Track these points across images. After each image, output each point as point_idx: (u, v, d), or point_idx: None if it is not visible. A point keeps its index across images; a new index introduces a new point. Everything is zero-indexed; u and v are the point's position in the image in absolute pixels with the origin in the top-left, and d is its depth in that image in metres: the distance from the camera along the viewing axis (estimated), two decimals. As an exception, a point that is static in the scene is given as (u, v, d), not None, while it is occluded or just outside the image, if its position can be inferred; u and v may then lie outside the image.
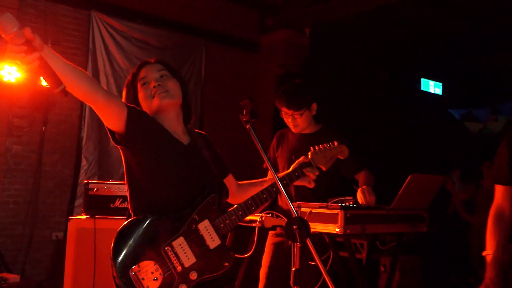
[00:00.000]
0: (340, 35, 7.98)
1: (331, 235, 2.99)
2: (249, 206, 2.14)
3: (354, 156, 3.43)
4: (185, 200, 2.04)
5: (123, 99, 2.21)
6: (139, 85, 2.17)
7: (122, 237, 1.92)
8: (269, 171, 3.55)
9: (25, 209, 5.93)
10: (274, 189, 2.21)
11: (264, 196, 2.19)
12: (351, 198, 3.14)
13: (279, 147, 3.59)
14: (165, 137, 2.11)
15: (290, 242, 2.77)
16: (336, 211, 2.89)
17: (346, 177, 3.47)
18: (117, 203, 4.10)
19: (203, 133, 2.40)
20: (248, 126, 2.22)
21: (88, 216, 4.00)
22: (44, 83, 4.83)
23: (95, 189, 4.15)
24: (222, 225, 2.06)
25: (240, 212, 2.11)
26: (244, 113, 2.22)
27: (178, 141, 2.15)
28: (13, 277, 5.14)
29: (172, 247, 1.95)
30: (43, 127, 5.95)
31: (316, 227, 2.93)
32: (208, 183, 2.14)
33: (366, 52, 8.54)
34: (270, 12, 7.86)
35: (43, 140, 6.03)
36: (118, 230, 1.95)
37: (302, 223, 2.12)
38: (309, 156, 2.41)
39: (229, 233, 3.27)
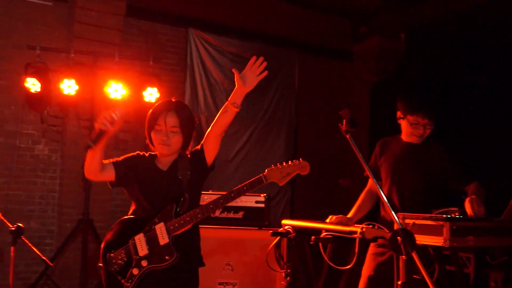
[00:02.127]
0: (436, 38, 7.67)
1: (436, 248, 2.86)
2: (196, 214, 2.59)
3: (459, 168, 3.28)
4: (156, 208, 2.64)
5: (146, 123, 2.81)
6: (155, 127, 2.74)
7: (110, 230, 2.70)
8: (369, 179, 3.49)
9: (130, 218, 6.27)
10: (221, 201, 2.62)
11: (211, 206, 2.61)
12: (456, 209, 2.99)
13: (382, 156, 3.48)
14: (147, 168, 2.78)
15: (393, 254, 2.70)
16: (441, 223, 2.76)
17: (454, 189, 3.31)
18: (217, 213, 4.21)
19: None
20: (348, 136, 2.21)
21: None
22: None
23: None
24: (172, 227, 2.58)
25: (187, 218, 2.58)
26: (344, 122, 2.21)
27: (158, 169, 2.77)
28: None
29: (134, 240, 2.60)
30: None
31: (420, 239, 2.81)
32: (175, 196, 2.65)
33: (464, 54, 8.13)
34: (362, 20, 7.74)
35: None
36: (112, 226, 2.71)
37: (407, 235, 2.06)
38: (265, 172, 2.64)
39: (328, 245, 3.24)
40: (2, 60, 5.82)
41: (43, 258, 4.02)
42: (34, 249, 3.91)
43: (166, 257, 2.55)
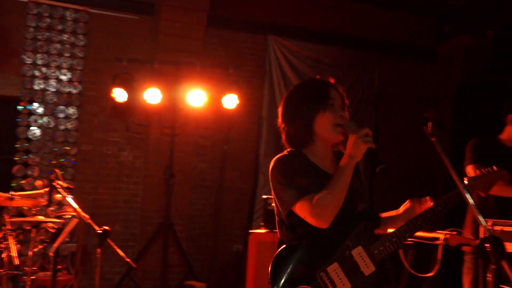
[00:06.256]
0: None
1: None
2: (403, 233, 2.05)
3: None
4: (338, 227, 1.99)
5: (281, 112, 2.15)
6: (328, 102, 2.05)
7: (279, 262, 2.00)
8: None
9: (209, 222, 6.39)
10: (428, 215, 2.07)
11: (419, 222, 2.07)
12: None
13: (479, 158, 3.27)
14: (312, 173, 2.07)
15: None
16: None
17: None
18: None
19: None
20: (433, 139, 2.09)
21: (268, 230, 4.14)
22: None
23: (273, 204, 4.27)
24: (376, 252, 2.02)
25: (394, 239, 2.03)
26: (429, 125, 2.09)
27: (325, 173, 2.07)
28: (200, 285, 5.53)
29: (327, 273, 1.95)
30: (225, 146, 6.39)
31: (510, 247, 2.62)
32: (360, 210, 2.09)
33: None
34: (447, 18, 7.43)
35: (225, 158, 6.46)
36: (275, 255, 2.02)
37: (496, 242, 1.91)
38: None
39: (410, 251, 3.11)
40: (94, 72, 6.13)
41: (127, 260, 4.16)
42: (119, 251, 4.05)
43: None
